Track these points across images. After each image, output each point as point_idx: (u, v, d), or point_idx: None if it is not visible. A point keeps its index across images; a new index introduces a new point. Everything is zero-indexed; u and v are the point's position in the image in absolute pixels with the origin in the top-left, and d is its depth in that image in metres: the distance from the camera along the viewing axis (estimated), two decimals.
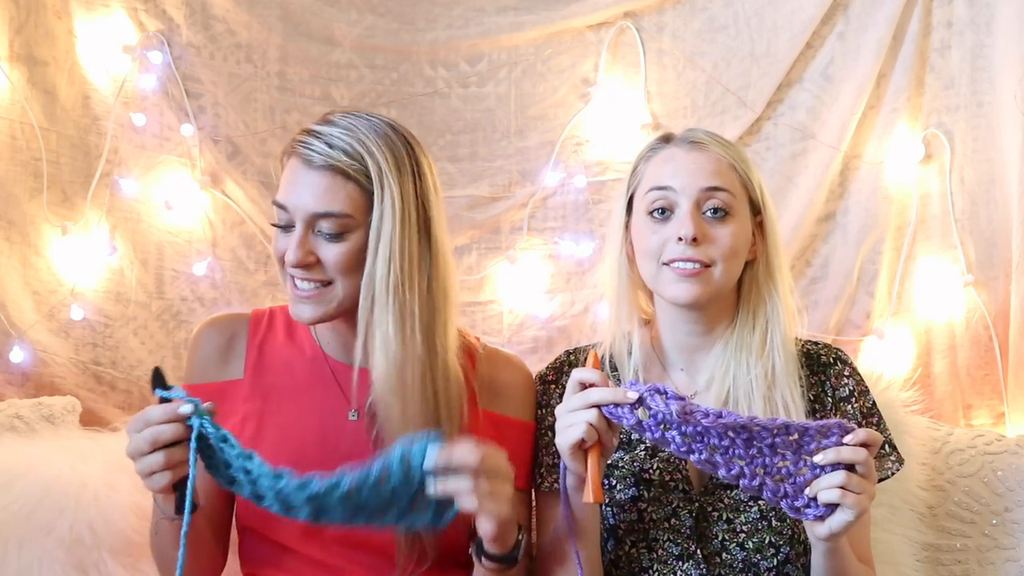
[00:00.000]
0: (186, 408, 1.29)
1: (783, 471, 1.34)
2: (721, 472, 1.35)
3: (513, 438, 1.59)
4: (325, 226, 1.45)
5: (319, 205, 1.44)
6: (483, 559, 1.43)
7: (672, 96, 2.34)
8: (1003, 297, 2.23)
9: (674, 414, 1.33)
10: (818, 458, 1.33)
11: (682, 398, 1.35)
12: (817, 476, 1.33)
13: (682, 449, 1.35)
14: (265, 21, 2.29)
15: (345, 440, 1.53)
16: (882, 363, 2.24)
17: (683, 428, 1.34)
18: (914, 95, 2.27)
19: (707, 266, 1.53)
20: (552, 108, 2.35)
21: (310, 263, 1.45)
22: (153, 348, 2.27)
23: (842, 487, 1.31)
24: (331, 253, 1.45)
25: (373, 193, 1.45)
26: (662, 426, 1.34)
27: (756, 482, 1.34)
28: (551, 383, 1.68)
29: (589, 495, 1.36)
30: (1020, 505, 1.97)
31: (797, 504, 1.35)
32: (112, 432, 2.01)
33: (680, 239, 1.52)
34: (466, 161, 2.35)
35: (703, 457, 1.34)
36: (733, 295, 1.61)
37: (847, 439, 1.33)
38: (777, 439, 1.34)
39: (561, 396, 1.61)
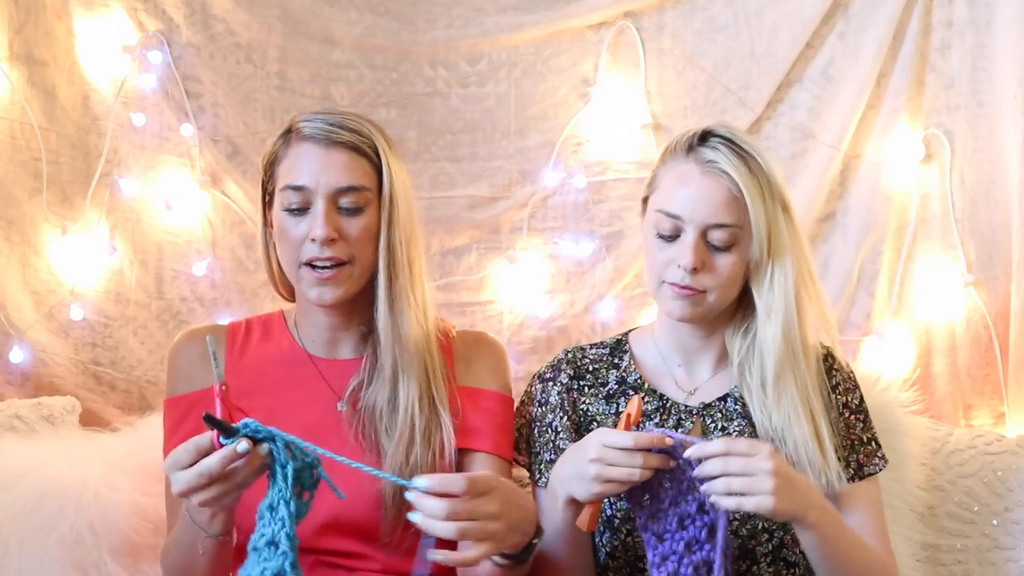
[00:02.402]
0: (243, 447, 1.23)
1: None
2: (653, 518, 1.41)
3: (491, 409, 1.63)
4: (347, 201, 1.53)
5: (344, 179, 1.52)
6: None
7: (672, 96, 2.33)
8: (1003, 297, 2.23)
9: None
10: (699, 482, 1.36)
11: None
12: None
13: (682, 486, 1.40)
14: (265, 21, 2.29)
15: (338, 431, 1.56)
16: (882, 363, 2.24)
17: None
18: (914, 95, 2.27)
19: (702, 292, 1.54)
20: (552, 108, 2.35)
21: (335, 239, 1.51)
22: (153, 348, 2.27)
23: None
24: (355, 227, 1.53)
25: (382, 168, 1.55)
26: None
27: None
28: (549, 380, 1.68)
29: (584, 522, 1.41)
30: (1020, 505, 1.97)
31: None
32: (112, 432, 2.01)
33: (680, 266, 1.53)
34: (466, 161, 2.35)
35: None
36: (734, 300, 1.61)
37: (688, 453, 1.35)
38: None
39: (559, 393, 1.65)
